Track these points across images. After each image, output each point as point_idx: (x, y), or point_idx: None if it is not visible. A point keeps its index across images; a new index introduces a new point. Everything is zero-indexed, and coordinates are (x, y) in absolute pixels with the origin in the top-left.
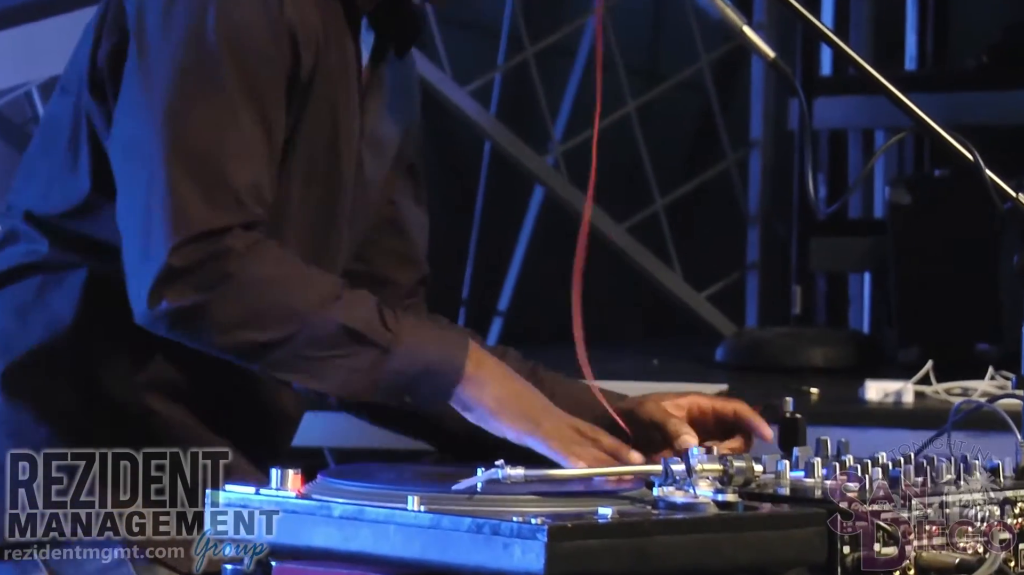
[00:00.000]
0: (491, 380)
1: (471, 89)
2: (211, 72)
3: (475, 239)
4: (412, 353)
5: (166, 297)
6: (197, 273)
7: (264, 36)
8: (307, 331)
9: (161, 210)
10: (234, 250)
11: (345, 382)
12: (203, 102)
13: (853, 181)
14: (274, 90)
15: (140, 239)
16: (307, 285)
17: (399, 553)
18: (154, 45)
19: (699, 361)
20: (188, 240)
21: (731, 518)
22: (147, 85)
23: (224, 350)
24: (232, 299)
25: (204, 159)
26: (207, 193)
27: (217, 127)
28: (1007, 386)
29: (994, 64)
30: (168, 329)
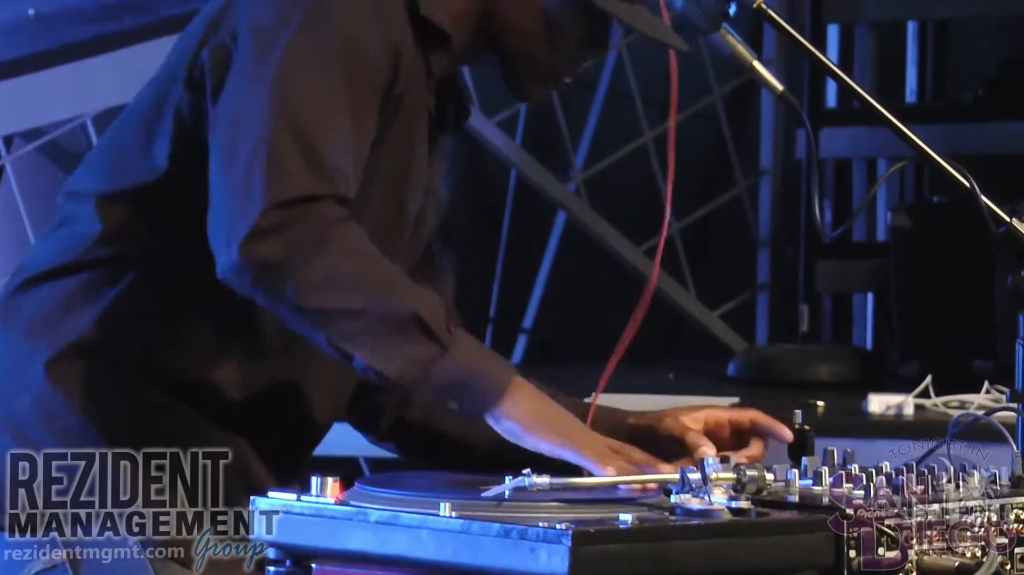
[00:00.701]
0: (528, 399)
1: (498, 120)
2: (324, 64)
3: (501, 260)
4: (464, 358)
5: (258, 249)
6: (290, 231)
7: (374, 47)
8: (382, 308)
9: (262, 168)
10: (327, 216)
11: (402, 369)
12: (312, 87)
13: (857, 207)
14: (373, 99)
15: (237, 192)
16: (386, 267)
17: (431, 556)
18: (270, 33)
19: (712, 376)
20: (285, 201)
21: (744, 524)
22: (261, 64)
23: (300, 311)
24: (319, 261)
25: (309, 133)
26: (309, 162)
27: (323, 111)
28: (1002, 400)
29: (989, 97)
30: (252, 282)
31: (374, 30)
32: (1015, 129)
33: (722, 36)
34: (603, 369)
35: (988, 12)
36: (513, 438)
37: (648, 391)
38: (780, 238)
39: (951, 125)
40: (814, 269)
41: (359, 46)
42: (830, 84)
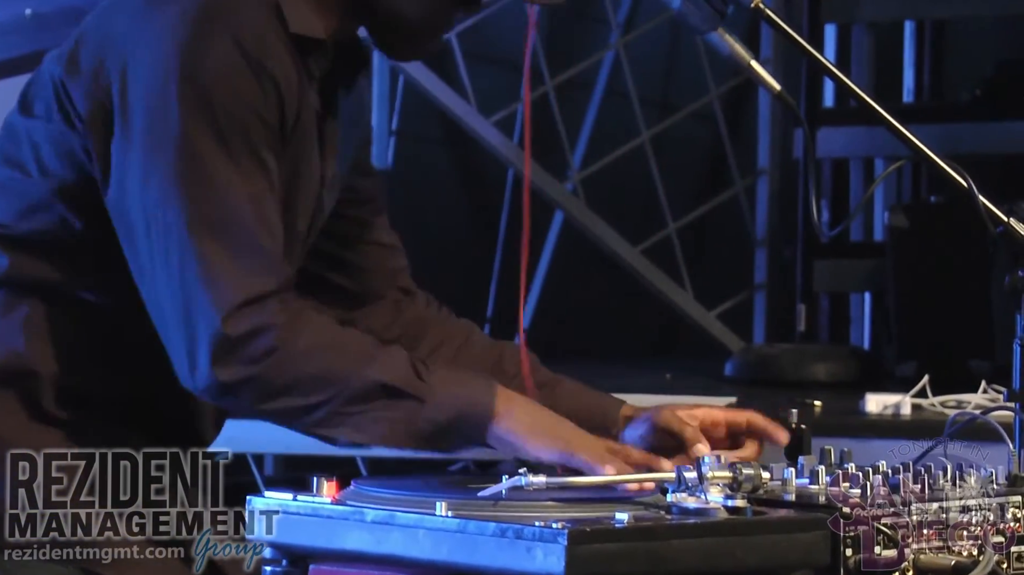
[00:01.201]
0: (520, 411)
1: (495, 120)
2: (214, 139)
3: (499, 260)
4: (444, 400)
5: (216, 372)
6: (244, 348)
7: (257, 95)
8: (347, 391)
9: (199, 284)
10: (276, 325)
11: (385, 434)
12: (214, 170)
13: (854, 206)
14: (272, 146)
15: (180, 308)
16: (344, 349)
17: (428, 556)
18: (156, 110)
19: (709, 376)
20: (233, 311)
21: (740, 523)
22: (154, 152)
23: (268, 415)
24: (277, 371)
25: (229, 227)
26: (241, 259)
27: (233, 193)
28: (999, 399)
29: (986, 97)
30: (218, 398)
31: (257, 90)
32: (1012, 129)
33: (720, 36)
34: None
35: (985, 12)
36: (512, 452)
37: (645, 391)
38: (777, 238)
39: (948, 125)
40: (811, 269)
41: (249, 105)
42: (827, 84)
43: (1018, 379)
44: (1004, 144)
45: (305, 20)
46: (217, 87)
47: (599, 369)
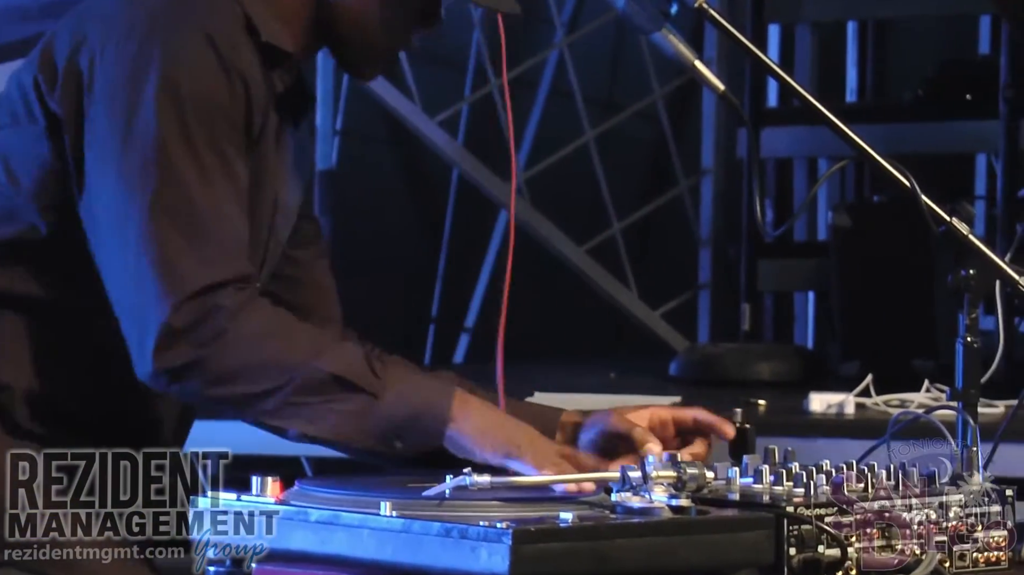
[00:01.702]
0: (475, 413)
1: (440, 120)
2: (185, 137)
3: (444, 260)
4: (401, 399)
5: (166, 356)
6: (194, 331)
7: (226, 94)
8: (298, 381)
9: (153, 271)
10: (226, 307)
11: (337, 427)
12: (181, 167)
13: (798, 206)
14: (238, 145)
15: (135, 296)
16: (297, 339)
17: (372, 556)
18: (126, 106)
19: (654, 375)
20: (184, 299)
21: (684, 522)
22: (125, 148)
23: (218, 402)
24: (226, 355)
25: (191, 217)
26: (199, 250)
27: (201, 190)
28: (942, 398)
29: (929, 97)
30: (167, 385)
31: (227, 89)
32: (955, 129)
33: (664, 36)
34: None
35: (928, 12)
36: (462, 454)
37: (590, 390)
38: (722, 237)
39: (891, 125)
40: (755, 268)
41: (218, 109)
42: (771, 84)
43: (961, 378)
44: (947, 144)
45: (275, 32)
46: (187, 83)
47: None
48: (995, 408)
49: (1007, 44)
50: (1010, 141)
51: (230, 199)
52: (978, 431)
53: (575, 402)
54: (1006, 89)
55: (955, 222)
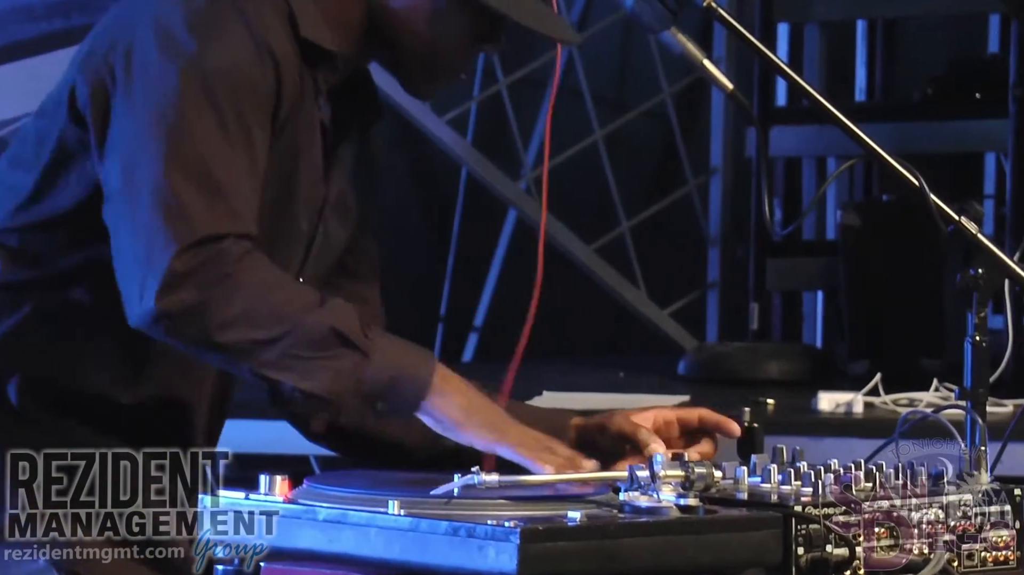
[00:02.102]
0: (456, 392)
1: (448, 118)
2: (210, 99)
3: (452, 259)
4: (385, 360)
5: (169, 299)
6: (199, 275)
7: (257, 75)
8: (299, 332)
9: (164, 215)
10: (231, 252)
11: (330, 382)
12: (200, 125)
13: (807, 205)
14: (262, 123)
15: (142, 242)
16: (297, 290)
17: (380, 554)
18: (153, 71)
19: (662, 374)
20: (191, 245)
21: (692, 521)
22: (146, 105)
23: (218, 348)
24: (230, 299)
25: (204, 172)
26: (209, 201)
27: (216, 148)
28: (950, 397)
29: (938, 96)
30: (167, 330)
31: (255, 59)
32: (963, 128)
33: (672, 35)
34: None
35: (936, 11)
36: (444, 431)
37: (598, 389)
38: (730, 236)
39: (900, 124)
40: (764, 267)
41: (243, 77)
42: (780, 83)
43: (969, 377)
44: (955, 143)
45: (316, 29)
46: (216, 53)
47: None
48: (1004, 407)
49: (1016, 43)
50: (1019, 140)
51: (245, 167)
52: (987, 430)
53: (583, 401)
54: (1015, 88)
55: (964, 221)
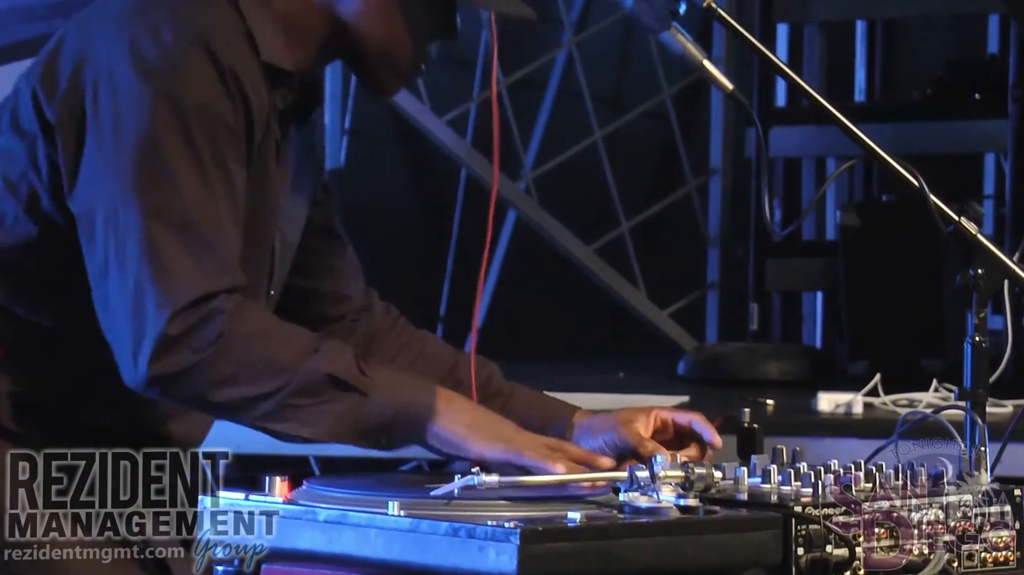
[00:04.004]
0: (461, 411)
1: (448, 119)
2: (185, 142)
3: (452, 259)
4: (386, 396)
5: (163, 364)
6: (190, 338)
7: (227, 106)
8: (295, 382)
9: (153, 276)
10: (223, 311)
11: (330, 428)
12: (180, 172)
13: (806, 205)
14: (238, 157)
15: (131, 308)
16: (290, 339)
17: (380, 555)
18: (127, 112)
19: (662, 374)
20: (183, 307)
21: (692, 522)
22: (121, 153)
23: (215, 406)
24: (223, 358)
25: (189, 226)
26: (197, 258)
27: (197, 199)
28: (950, 398)
29: (938, 96)
30: (162, 392)
31: (226, 98)
32: (963, 128)
33: (672, 35)
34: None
35: (936, 12)
36: (454, 451)
37: (598, 389)
38: (730, 237)
39: (899, 124)
40: (764, 268)
41: (217, 116)
42: (780, 83)
43: (969, 378)
44: (955, 143)
45: (276, 51)
46: (190, 96)
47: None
48: (1003, 408)
49: (1016, 43)
50: (1019, 140)
51: (228, 212)
52: (987, 431)
53: (583, 401)
54: (1015, 88)
55: (964, 221)
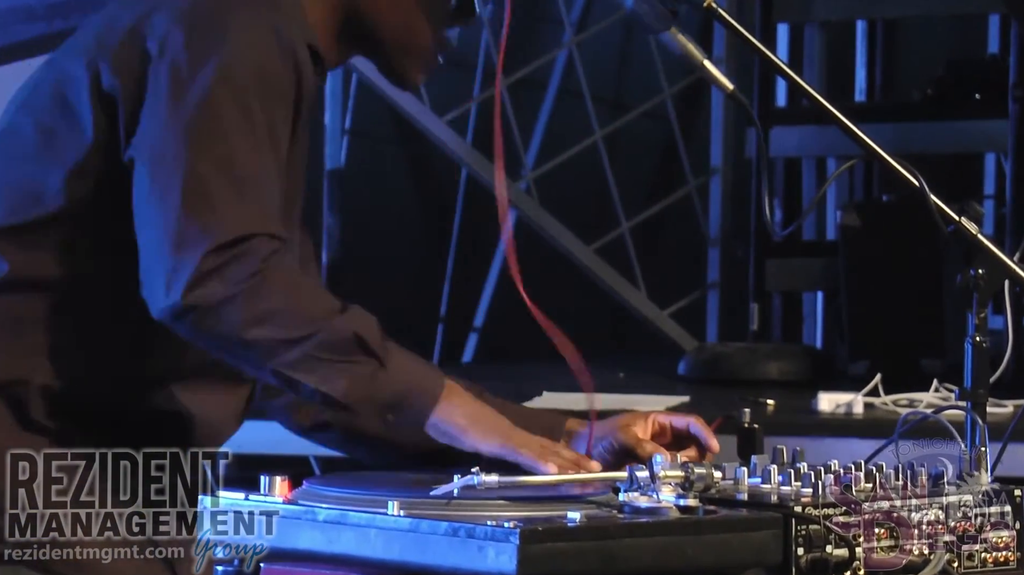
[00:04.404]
0: (462, 403)
1: (448, 119)
2: (241, 100)
3: (452, 259)
4: (400, 371)
5: (197, 294)
6: (228, 271)
7: (284, 77)
8: (322, 334)
9: (195, 209)
10: (260, 251)
11: (346, 388)
12: (231, 124)
13: (806, 205)
14: (286, 125)
15: (172, 237)
16: (320, 295)
17: (380, 555)
18: (185, 69)
19: (662, 375)
20: (223, 243)
21: (692, 522)
22: (179, 104)
23: (244, 345)
24: (257, 297)
25: (235, 170)
26: (239, 199)
27: (247, 150)
28: (950, 398)
29: (938, 96)
30: (192, 325)
31: (282, 63)
32: (963, 128)
33: (672, 35)
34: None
35: (936, 12)
36: (450, 441)
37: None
38: (730, 237)
39: (900, 124)
40: (764, 268)
41: (271, 80)
42: (780, 83)
43: (969, 378)
44: (955, 143)
45: (314, 35)
46: (250, 63)
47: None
48: (1004, 408)
49: (1016, 43)
50: (1019, 140)
51: (272, 167)
52: (987, 431)
53: (583, 402)
54: (1015, 88)
55: (964, 221)
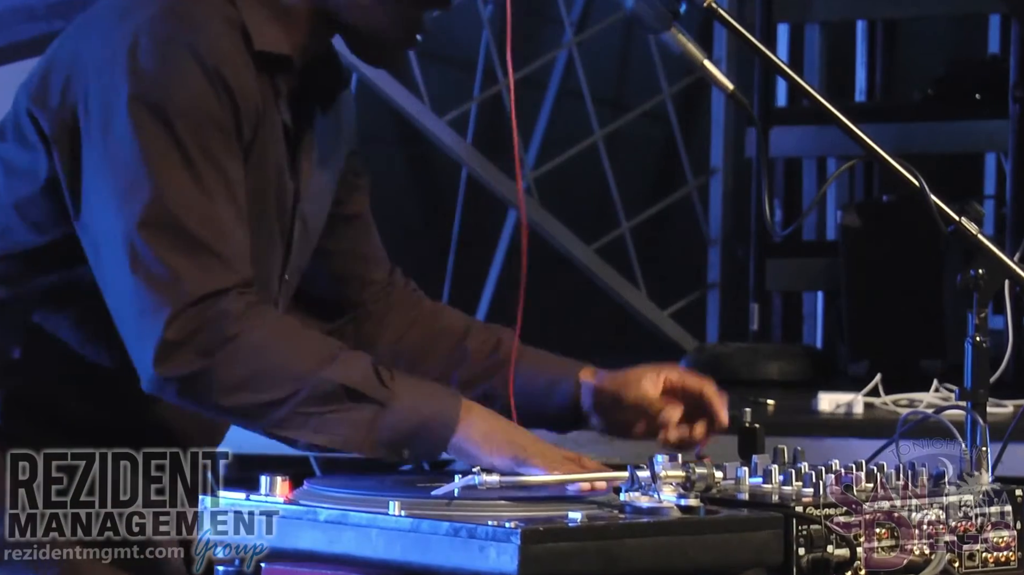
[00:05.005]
0: (479, 420)
1: (449, 119)
2: (174, 146)
3: (452, 259)
4: (408, 408)
5: (172, 365)
6: (197, 339)
7: (212, 102)
8: (307, 390)
9: (148, 284)
10: (232, 312)
11: (346, 437)
12: (172, 178)
13: (807, 206)
14: (233, 155)
15: (136, 312)
16: (305, 346)
17: (381, 555)
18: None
19: None
20: (184, 308)
21: (693, 522)
22: (109, 161)
23: (227, 412)
24: (234, 363)
25: (178, 230)
26: (194, 259)
27: (191, 202)
28: (951, 398)
29: (938, 96)
30: (176, 396)
31: (212, 96)
32: (963, 128)
33: (672, 35)
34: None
35: (936, 12)
36: (467, 459)
37: None
38: (730, 237)
39: (900, 124)
40: (764, 268)
41: (205, 116)
42: (780, 83)
43: (970, 378)
44: (955, 143)
45: (271, 38)
46: (174, 97)
47: None
48: (1004, 408)
49: (1016, 43)
50: (1019, 140)
51: (226, 208)
52: (987, 431)
53: None
54: (1015, 88)
55: (964, 221)
